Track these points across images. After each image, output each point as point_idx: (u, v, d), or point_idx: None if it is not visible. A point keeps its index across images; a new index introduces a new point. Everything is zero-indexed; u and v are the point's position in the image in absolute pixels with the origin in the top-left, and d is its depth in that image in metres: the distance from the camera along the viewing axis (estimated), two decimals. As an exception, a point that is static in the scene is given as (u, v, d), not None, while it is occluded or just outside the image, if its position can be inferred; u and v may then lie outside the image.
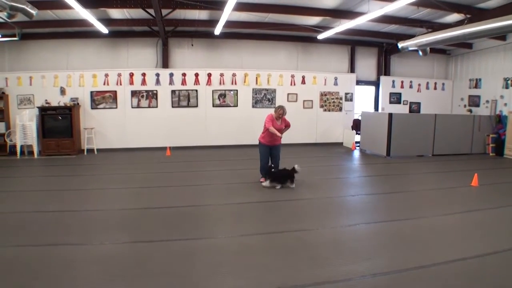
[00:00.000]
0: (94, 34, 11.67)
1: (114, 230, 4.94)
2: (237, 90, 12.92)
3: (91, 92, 11.98)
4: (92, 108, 12.03)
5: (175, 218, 5.45)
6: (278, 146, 7.66)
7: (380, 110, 14.53)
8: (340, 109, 13.94)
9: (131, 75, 12.15)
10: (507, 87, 12.33)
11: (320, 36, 12.08)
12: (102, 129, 12.09)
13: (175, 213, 5.70)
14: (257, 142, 7.79)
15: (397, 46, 11.42)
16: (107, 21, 10.75)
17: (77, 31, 11.74)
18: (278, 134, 7.34)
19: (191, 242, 4.55)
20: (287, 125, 7.71)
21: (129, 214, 5.64)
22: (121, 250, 4.30)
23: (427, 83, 14.95)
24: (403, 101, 14.79)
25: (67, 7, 8.41)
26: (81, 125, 11.91)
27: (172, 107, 12.50)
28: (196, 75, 12.56)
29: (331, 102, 13.82)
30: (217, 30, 11.21)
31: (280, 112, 7.51)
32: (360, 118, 13.10)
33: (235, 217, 5.61)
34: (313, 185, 7.67)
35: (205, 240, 4.61)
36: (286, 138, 8.51)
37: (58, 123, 11.26)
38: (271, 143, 7.56)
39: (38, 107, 11.25)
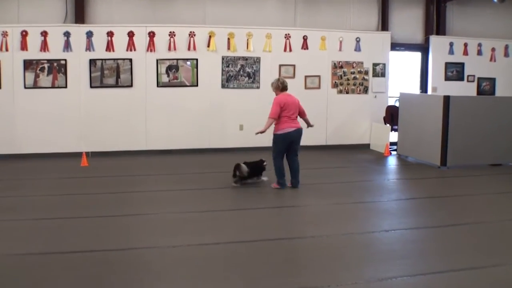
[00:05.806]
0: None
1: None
2: (197, 60, 12.92)
3: (-44, 63, 11.84)
4: (-43, 90, 11.89)
5: (95, 269, 5.35)
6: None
7: (430, 91, 14.73)
8: (366, 90, 14.08)
9: (24, 34, 12.00)
10: None
11: (333, -28, 12.15)
12: (-26, 124, 11.96)
13: (95, 261, 5.61)
14: (229, 145, 7.98)
15: (457, -13, 11.56)
16: None
17: None
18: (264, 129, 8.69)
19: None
20: None
21: (19, 263, 5.53)
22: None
23: (506, 46, 15.20)
24: (468, 76, 15.04)
25: None
26: None
27: (91, 87, 12.44)
28: (131, 35, 12.50)
29: (351, 78, 13.92)
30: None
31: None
32: (397, 104, 13.19)
33: (194, 267, 5.54)
34: (323, 213, 7.69)
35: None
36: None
37: None
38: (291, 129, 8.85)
39: None
